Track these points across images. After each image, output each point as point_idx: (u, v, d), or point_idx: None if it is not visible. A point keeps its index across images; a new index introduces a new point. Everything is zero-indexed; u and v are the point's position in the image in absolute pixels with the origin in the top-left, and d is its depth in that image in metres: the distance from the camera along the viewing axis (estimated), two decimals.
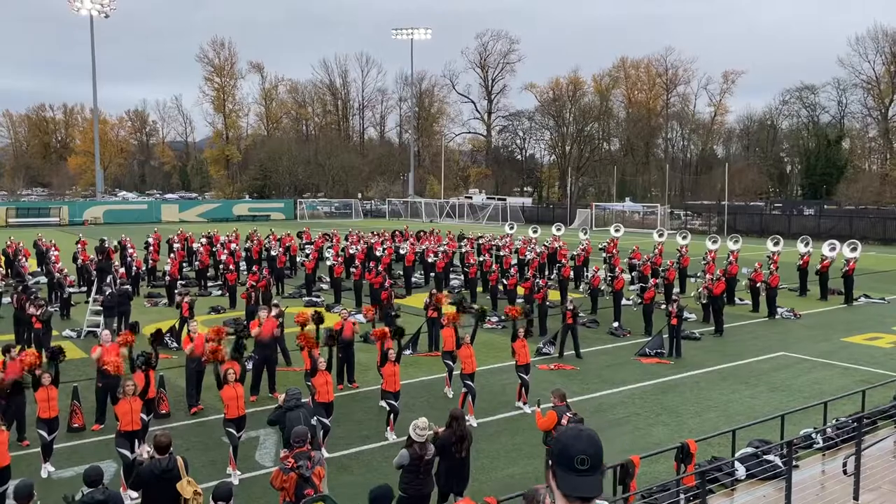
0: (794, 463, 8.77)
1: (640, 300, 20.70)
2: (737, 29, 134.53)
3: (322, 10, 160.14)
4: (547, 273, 27.11)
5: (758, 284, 22.42)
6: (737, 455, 9.70)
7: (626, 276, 23.90)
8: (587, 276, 24.73)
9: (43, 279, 25.25)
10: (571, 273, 25.47)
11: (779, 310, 22.00)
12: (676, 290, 23.40)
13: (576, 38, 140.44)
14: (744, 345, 18.20)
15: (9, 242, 29.07)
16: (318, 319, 12.91)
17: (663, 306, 19.80)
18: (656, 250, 28.37)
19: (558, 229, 36.11)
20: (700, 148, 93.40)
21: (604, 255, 28.85)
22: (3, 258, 27.49)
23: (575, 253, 27.95)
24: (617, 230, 35.19)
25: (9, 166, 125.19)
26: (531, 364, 13.42)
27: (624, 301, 21.43)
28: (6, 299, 20.72)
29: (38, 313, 15.48)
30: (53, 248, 27.49)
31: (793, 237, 33.64)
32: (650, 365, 16.12)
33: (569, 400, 13.11)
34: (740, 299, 23.81)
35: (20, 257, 26.95)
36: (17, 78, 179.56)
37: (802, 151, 79.93)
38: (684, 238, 31.34)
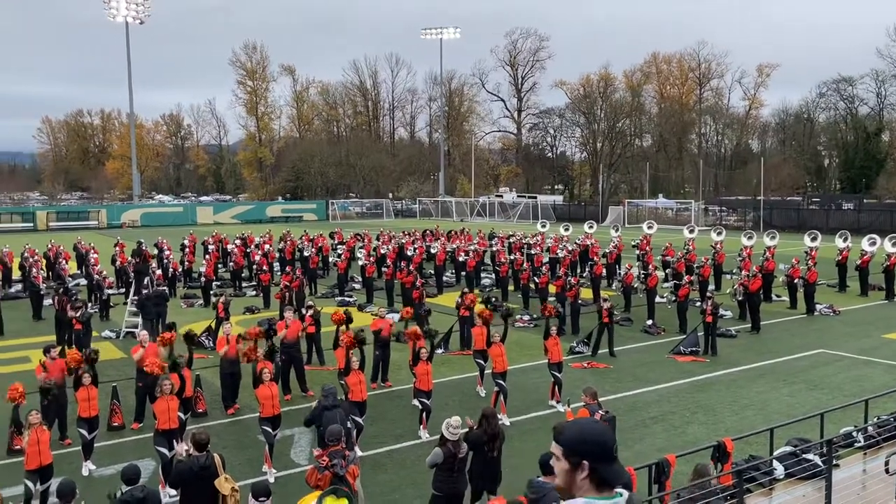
0: (834, 462, 8.59)
1: (674, 297, 20.47)
2: (771, 21, 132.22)
3: (352, 12, 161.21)
4: (579, 271, 26.95)
5: (795, 280, 21.99)
6: (775, 454, 9.53)
7: (660, 274, 23.63)
8: (620, 273, 24.51)
9: (83, 281, 25.85)
10: (604, 271, 25.27)
11: (817, 306, 21.56)
12: (711, 287, 23.08)
13: (606, 35, 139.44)
14: (781, 342, 17.88)
15: (50, 245, 29.80)
16: (348, 319, 13.03)
17: (698, 304, 19.55)
18: (687, 246, 28.02)
19: (590, 227, 35.83)
20: (734, 143, 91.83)
21: (637, 252, 28.56)
22: (44, 261, 28.16)
23: (607, 250, 27.73)
24: (650, 227, 34.81)
25: (49, 171, 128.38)
26: (564, 362, 13.35)
27: (658, 299, 21.21)
28: (48, 301, 21.25)
29: (78, 315, 15.82)
30: (93, 251, 28.10)
31: (831, 232, 32.91)
32: (685, 363, 15.93)
33: (602, 398, 13.00)
34: (777, 296, 23.38)
35: (61, 260, 27.60)
36: (55, 85, 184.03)
37: (840, 144, 78.18)
38: (719, 234, 30.89)
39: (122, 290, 23.92)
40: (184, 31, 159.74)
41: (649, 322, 19.52)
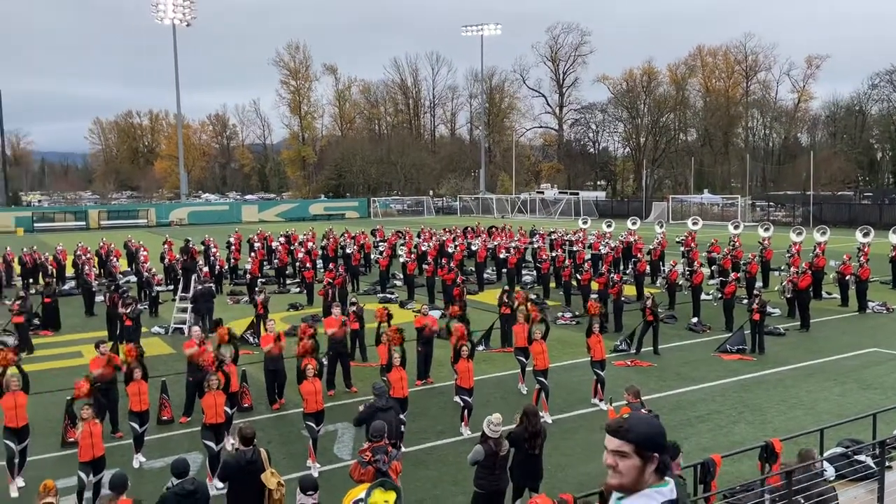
0: (887, 463, 8.35)
1: (720, 295, 20.09)
2: (820, 12, 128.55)
3: (392, 10, 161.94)
4: (622, 268, 26.64)
5: (847, 277, 21.39)
6: (825, 455, 9.30)
7: (706, 271, 23.22)
8: (664, 270, 24.16)
9: (133, 278, 26.51)
10: (647, 268, 24.93)
11: (870, 304, 20.93)
12: (759, 284, 22.57)
13: (649, 29, 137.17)
14: (832, 340, 17.40)
15: (101, 244, 30.67)
16: (388, 316, 13.15)
17: (745, 301, 19.16)
18: (733, 243, 27.47)
19: (633, 223, 35.39)
20: (783, 136, 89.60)
21: (681, 248, 28.10)
22: (96, 259, 28.99)
23: (651, 247, 27.36)
24: (695, 223, 34.25)
25: (100, 171, 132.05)
26: (607, 360, 13.23)
27: (703, 296, 20.85)
28: (99, 298, 21.86)
29: (128, 311, 16.24)
30: (142, 249, 28.81)
31: (884, 227, 31.90)
32: (731, 361, 15.63)
33: (646, 397, 12.84)
34: (828, 293, 22.77)
35: (112, 258, 28.38)
36: (106, 87, 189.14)
37: (894, 137, 75.61)
38: (766, 230, 30.18)
39: (171, 287, 24.47)
40: (229, 33, 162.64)
41: (694, 320, 19.20)
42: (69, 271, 28.18)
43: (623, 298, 19.44)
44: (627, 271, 25.64)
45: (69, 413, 10.78)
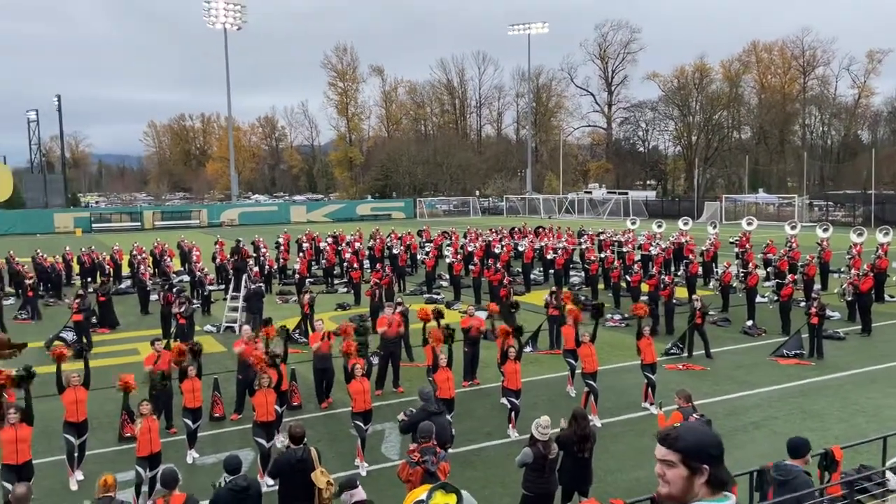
0: None
1: (776, 297, 19.54)
2: (881, 4, 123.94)
3: (439, 11, 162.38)
4: (673, 269, 26.13)
5: None
6: (888, 464, 8.93)
7: (761, 272, 22.58)
8: (717, 272, 23.61)
9: (186, 278, 27.14)
10: (700, 269, 24.39)
11: None
12: (817, 286, 21.83)
13: (701, 25, 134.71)
14: (895, 345, 16.73)
15: (155, 244, 31.48)
16: (438, 315, 13.13)
17: (802, 304, 18.58)
18: (790, 244, 26.67)
19: (685, 223, 34.68)
20: (842, 133, 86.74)
21: (735, 250, 27.45)
22: (150, 258, 29.78)
23: (703, 248, 26.74)
24: (749, 223, 33.32)
25: (154, 173, 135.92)
26: (658, 363, 12.97)
27: (758, 298, 20.29)
28: (154, 296, 22.43)
29: (182, 310, 16.60)
30: (195, 249, 29.49)
31: None
32: (788, 366, 15.15)
33: (699, 401, 12.55)
34: (890, 296, 21.94)
35: (166, 257, 29.11)
36: (160, 91, 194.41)
37: None
38: (825, 230, 29.23)
39: (222, 286, 24.95)
40: (278, 37, 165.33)
41: (749, 323, 18.69)
42: (125, 271, 29.00)
43: (675, 301, 19.03)
44: (679, 273, 25.13)
45: (126, 409, 11.05)
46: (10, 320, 20.68)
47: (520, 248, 29.43)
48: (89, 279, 27.15)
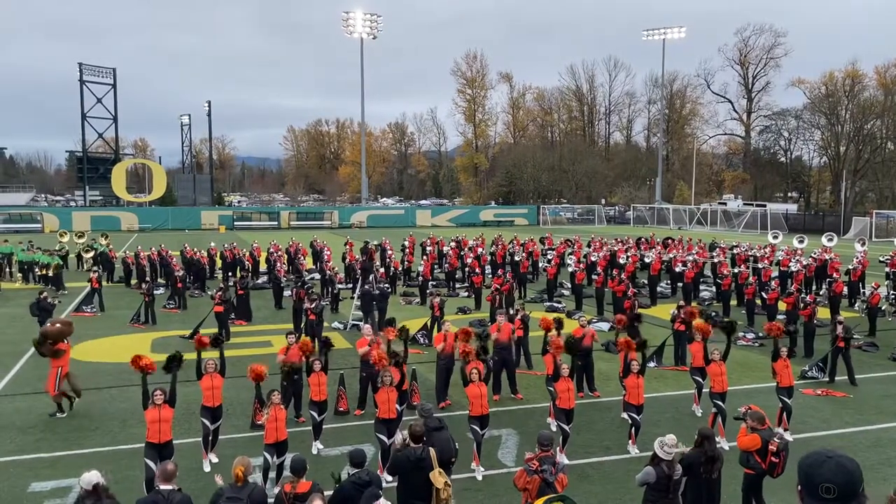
0: None
1: None
2: None
3: (570, 17, 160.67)
4: (815, 288, 24.42)
5: None
6: None
7: None
8: (864, 293, 21.83)
9: (317, 276, 28.36)
10: (845, 289, 22.63)
11: None
12: None
13: (853, 28, 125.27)
14: None
15: (290, 242, 33.16)
16: (559, 325, 12.97)
17: None
18: None
19: (829, 239, 32.32)
20: None
21: (886, 269, 25.27)
22: (285, 256, 31.38)
23: (850, 267, 24.79)
24: None
25: (291, 175, 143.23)
26: (795, 387, 12.15)
27: None
28: (287, 292, 23.58)
29: (312, 306, 17.35)
30: (326, 249, 30.77)
31: None
32: None
33: (840, 430, 11.76)
34: None
35: (299, 256, 30.56)
36: (299, 97, 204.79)
37: None
38: None
39: (350, 285, 25.87)
40: (411, 45, 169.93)
41: None
42: (262, 266, 30.70)
43: (816, 321, 17.77)
44: (822, 292, 23.45)
45: (259, 397, 11.66)
46: (160, 309, 22.39)
47: (646, 260, 28.53)
48: (230, 273, 28.93)
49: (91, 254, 32.72)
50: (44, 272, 27.72)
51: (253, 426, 11.75)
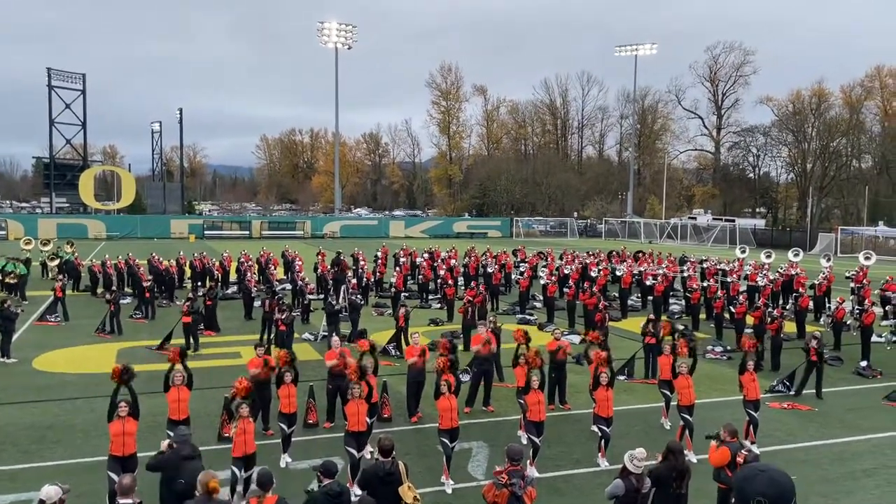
0: None
1: (894, 338, 18.19)
2: None
3: (543, 33, 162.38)
4: (781, 302, 24.83)
5: None
6: None
7: (878, 310, 21.11)
8: (829, 308, 22.26)
9: (288, 286, 28.12)
10: (811, 304, 23.05)
11: None
12: None
13: (820, 48, 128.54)
14: None
15: (261, 252, 32.84)
16: (527, 339, 13.01)
17: None
18: None
19: (795, 254, 32.88)
20: None
21: (851, 285, 25.79)
22: (256, 266, 31.08)
23: (816, 282, 25.28)
24: (867, 258, 31.26)
25: (264, 184, 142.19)
26: (761, 400, 12.31)
27: (874, 338, 18.97)
28: (257, 303, 23.34)
29: (283, 317, 17.19)
30: (297, 259, 30.54)
31: None
32: None
33: (805, 444, 11.91)
34: None
35: (270, 266, 30.29)
36: (273, 106, 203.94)
37: None
38: None
39: (322, 296, 25.68)
40: (385, 56, 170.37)
41: (863, 363, 17.48)
42: (232, 276, 30.35)
43: (783, 335, 18.06)
44: (788, 307, 23.84)
45: (227, 409, 11.49)
46: (126, 319, 22.01)
47: (618, 273, 28.80)
48: (199, 283, 28.58)
49: (56, 262, 32.09)
50: (8, 280, 27.12)
51: (220, 438, 11.56)
